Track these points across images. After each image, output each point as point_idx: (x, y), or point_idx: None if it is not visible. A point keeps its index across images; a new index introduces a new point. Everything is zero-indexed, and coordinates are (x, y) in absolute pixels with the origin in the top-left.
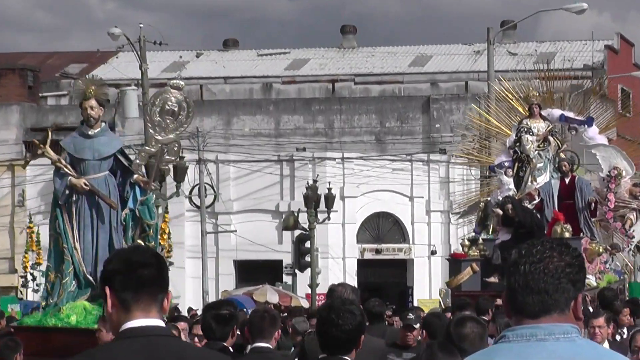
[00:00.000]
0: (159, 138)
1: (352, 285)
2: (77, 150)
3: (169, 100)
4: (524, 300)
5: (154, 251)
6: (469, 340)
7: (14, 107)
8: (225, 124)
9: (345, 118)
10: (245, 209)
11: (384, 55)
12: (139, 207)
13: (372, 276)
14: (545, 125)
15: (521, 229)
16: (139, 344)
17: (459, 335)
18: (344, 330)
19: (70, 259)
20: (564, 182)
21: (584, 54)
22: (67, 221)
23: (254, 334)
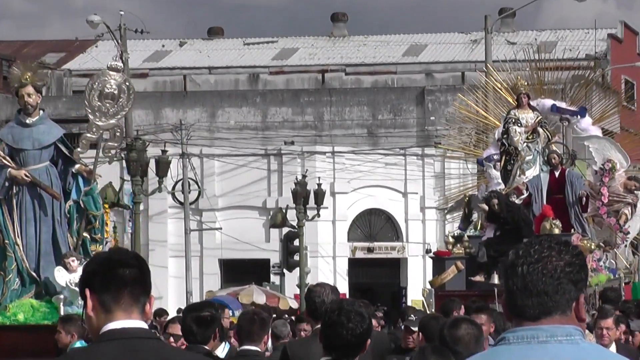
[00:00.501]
0: (100, 124)
1: (332, 285)
2: (15, 140)
3: (108, 84)
4: (523, 303)
5: (136, 253)
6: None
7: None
8: (209, 116)
9: (335, 110)
10: (231, 205)
11: (376, 45)
12: (83, 198)
13: (364, 276)
14: (534, 115)
15: (507, 225)
16: (120, 346)
17: (453, 338)
18: (354, 334)
19: (12, 255)
20: (553, 176)
21: (586, 43)
22: (7, 215)
23: (242, 337)
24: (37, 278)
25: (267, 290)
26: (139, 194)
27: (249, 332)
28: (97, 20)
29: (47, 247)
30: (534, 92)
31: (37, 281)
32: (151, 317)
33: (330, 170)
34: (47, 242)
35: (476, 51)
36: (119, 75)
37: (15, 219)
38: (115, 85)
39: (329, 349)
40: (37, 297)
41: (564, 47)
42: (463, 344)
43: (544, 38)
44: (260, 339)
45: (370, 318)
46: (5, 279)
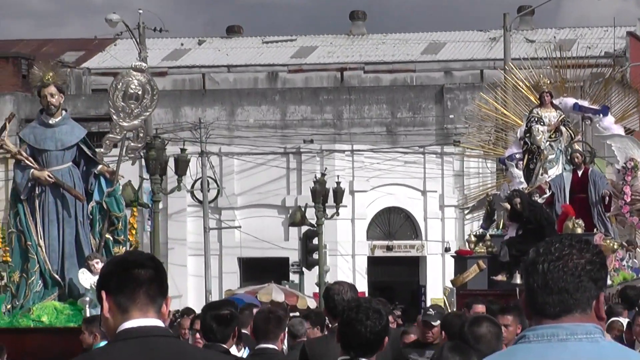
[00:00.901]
0: (124, 124)
1: (350, 283)
2: (37, 141)
3: (132, 84)
4: (544, 301)
5: (151, 255)
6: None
7: (7, 97)
8: (228, 114)
9: (354, 108)
10: (250, 204)
11: (395, 43)
12: (106, 199)
13: (383, 274)
14: (557, 114)
15: (529, 225)
16: (137, 345)
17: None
18: (372, 331)
19: (35, 257)
20: (576, 175)
21: (605, 40)
22: (29, 217)
23: (258, 335)
24: (59, 280)
25: (286, 289)
26: (158, 193)
27: (264, 331)
28: (116, 19)
29: (71, 249)
30: (556, 91)
31: (59, 283)
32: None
33: (349, 168)
34: (71, 244)
35: (495, 49)
36: (142, 75)
37: (38, 220)
38: (139, 86)
39: (346, 347)
40: (60, 299)
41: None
42: (484, 342)
43: (562, 36)
44: (276, 337)
45: (387, 315)
46: (27, 281)
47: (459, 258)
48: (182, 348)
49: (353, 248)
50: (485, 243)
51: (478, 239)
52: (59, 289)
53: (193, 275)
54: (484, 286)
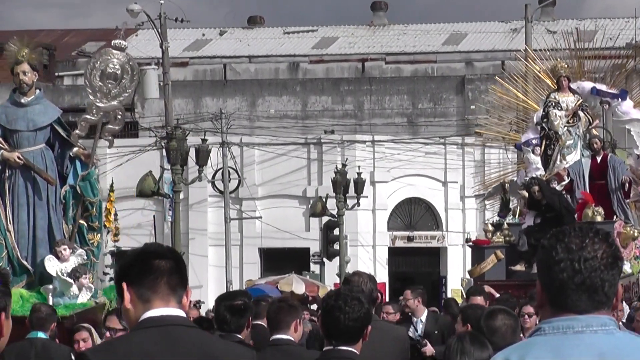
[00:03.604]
0: (100, 105)
1: (369, 274)
2: (9, 120)
3: (111, 63)
4: (578, 298)
5: (170, 247)
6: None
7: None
8: (249, 105)
9: (375, 99)
10: (271, 194)
11: (416, 33)
12: (79, 183)
13: (404, 265)
14: (574, 99)
15: (549, 213)
16: (158, 334)
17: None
18: (351, 318)
19: (3, 243)
20: (595, 161)
21: (627, 32)
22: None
23: (271, 326)
24: (28, 267)
25: (306, 279)
26: (179, 183)
27: (276, 321)
28: (138, 9)
29: (42, 235)
30: (574, 77)
31: (28, 270)
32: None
33: (370, 159)
34: (43, 229)
35: (516, 40)
36: (122, 54)
37: (7, 204)
38: (118, 65)
39: (328, 336)
40: (29, 287)
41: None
42: (500, 335)
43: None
44: (288, 325)
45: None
46: None
47: (476, 248)
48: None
49: (374, 239)
50: (503, 232)
51: (496, 227)
52: (28, 276)
53: (214, 266)
54: (502, 276)
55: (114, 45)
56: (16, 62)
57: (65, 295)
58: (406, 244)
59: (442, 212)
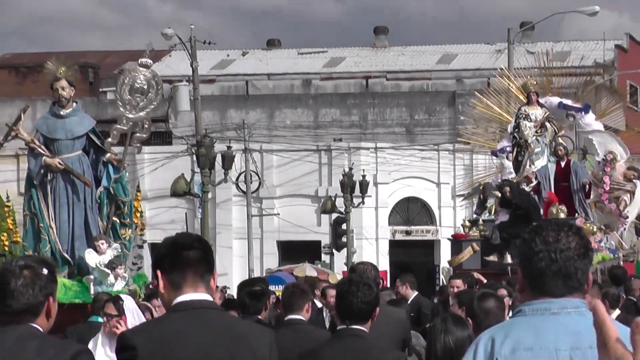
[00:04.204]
0: (130, 116)
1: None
2: (49, 130)
3: (138, 79)
4: (554, 284)
5: (199, 236)
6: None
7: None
8: (268, 116)
9: (377, 111)
10: (287, 194)
11: (413, 54)
12: (112, 185)
13: (403, 256)
14: (542, 112)
15: (518, 211)
16: (190, 316)
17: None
18: (363, 302)
19: (47, 238)
20: (559, 166)
21: (597, 52)
22: (42, 200)
23: (285, 308)
24: (69, 259)
25: (318, 268)
26: (207, 184)
27: (290, 303)
28: (171, 33)
29: (80, 231)
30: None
31: (69, 262)
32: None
33: (373, 163)
34: (80, 226)
35: (500, 59)
36: (148, 71)
37: (50, 204)
38: (144, 81)
39: (342, 317)
40: (69, 277)
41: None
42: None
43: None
44: (301, 308)
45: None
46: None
47: (455, 241)
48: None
49: (376, 232)
50: (479, 227)
51: (472, 223)
52: (69, 267)
53: (238, 256)
54: (477, 266)
55: (140, 63)
56: (55, 79)
57: (104, 284)
58: (404, 237)
59: (436, 209)
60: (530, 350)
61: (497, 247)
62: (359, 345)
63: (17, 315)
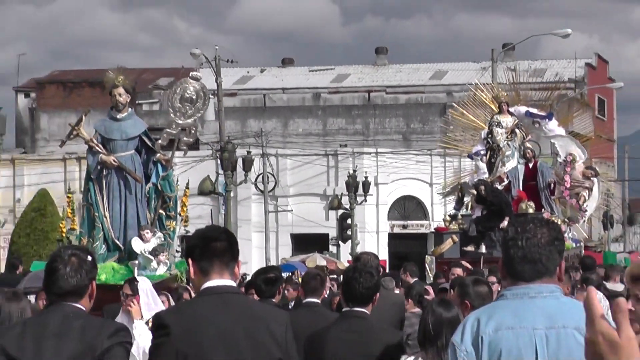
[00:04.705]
0: (179, 122)
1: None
2: (107, 131)
3: (188, 89)
4: (522, 269)
5: (226, 229)
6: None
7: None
8: (283, 125)
9: (378, 121)
10: (299, 193)
11: (409, 71)
12: (160, 182)
13: (400, 247)
14: (512, 120)
15: (492, 206)
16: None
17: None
18: (364, 287)
19: (100, 226)
20: (528, 167)
21: (569, 69)
22: (98, 193)
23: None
24: (120, 245)
25: (326, 257)
26: (229, 185)
27: (311, 288)
28: (198, 53)
29: (132, 221)
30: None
31: (119, 248)
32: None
33: (374, 166)
34: (133, 217)
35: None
36: (198, 83)
37: (105, 197)
38: (194, 91)
39: (347, 300)
40: (119, 261)
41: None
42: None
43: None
44: (320, 293)
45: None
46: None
47: (437, 234)
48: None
49: (377, 226)
50: (458, 221)
51: (452, 218)
52: (119, 252)
53: (256, 247)
54: (457, 255)
55: (191, 75)
56: (113, 86)
57: (147, 269)
58: (401, 231)
59: (429, 206)
60: (511, 330)
61: (473, 238)
62: (361, 325)
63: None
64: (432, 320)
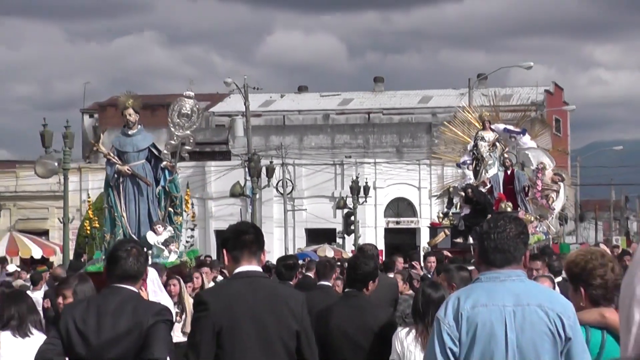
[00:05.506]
0: (178, 134)
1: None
2: (121, 145)
3: (184, 107)
4: (495, 257)
5: (253, 224)
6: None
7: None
8: (299, 140)
9: (376, 137)
10: (312, 195)
11: (401, 96)
12: (168, 185)
13: (394, 239)
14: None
15: (478, 206)
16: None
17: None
18: (364, 273)
19: (120, 224)
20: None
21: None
22: (116, 197)
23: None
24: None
25: (334, 248)
26: (255, 188)
27: (323, 273)
28: (230, 81)
29: (144, 218)
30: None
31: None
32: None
33: (373, 173)
34: (144, 215)
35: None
36: (192, 100)
37: (122, 199)
38: (189, 108)
39: (349, 283)
40: None
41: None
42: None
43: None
44: (330, 277)
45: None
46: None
47: (432, 228)
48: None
49: (375, 222)
50: (449, 218)
51: (444, 215)
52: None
53: (277, 239)
54: (448, 246)
55: (185, 94)
56: (124, 107)
57: (160, 257)
58: (395, 226)
59: (418, 206)
60: (485, 307)
61: (462, 232)
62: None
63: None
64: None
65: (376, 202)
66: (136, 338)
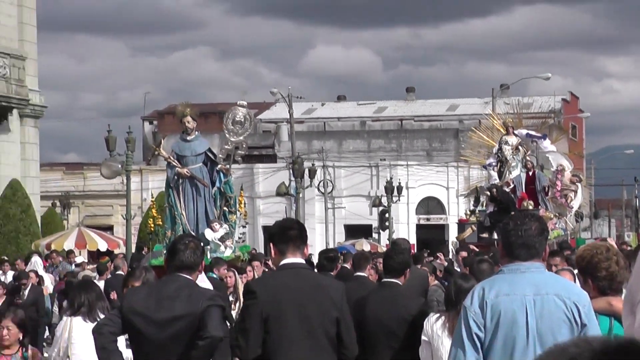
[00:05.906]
0: (232, 140)
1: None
2: (180, 150)
3: (238, 115)
4: (519, 252)
5: (297, 220)
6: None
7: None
8: (338, 145)
9: (408, 141)
10: (351, 194)
11: (431, 105)
12: (223, 186)
13: (425, 235)
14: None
15: (501, 204)
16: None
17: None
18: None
19: (179, 221)
20: (528, 175)
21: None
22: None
23: (355, 267)
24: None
25: (370, 242)
26: (299, 188)
27: (358, 264)
28: (276, 91)
29: (202, 216)
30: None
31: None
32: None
33: (405, 174)
34: (202, 213)
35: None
36: (245, 109)
37: (182, 199)
38: (242, 116)
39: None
40: None
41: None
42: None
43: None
44: (365, 268)
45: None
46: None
47: (460, 224)
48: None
49: (408, 219)
50: (475, 215)
51: (471, 212)
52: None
53: (319, 235)
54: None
55: (239, 104)
56: (183, 115)
57: (217, 252)
58: (426, 222)
59: (446, 204)
60: (507, 296)
61: (487, 228)
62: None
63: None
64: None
65: (408, 201)
66: (191, 320)
